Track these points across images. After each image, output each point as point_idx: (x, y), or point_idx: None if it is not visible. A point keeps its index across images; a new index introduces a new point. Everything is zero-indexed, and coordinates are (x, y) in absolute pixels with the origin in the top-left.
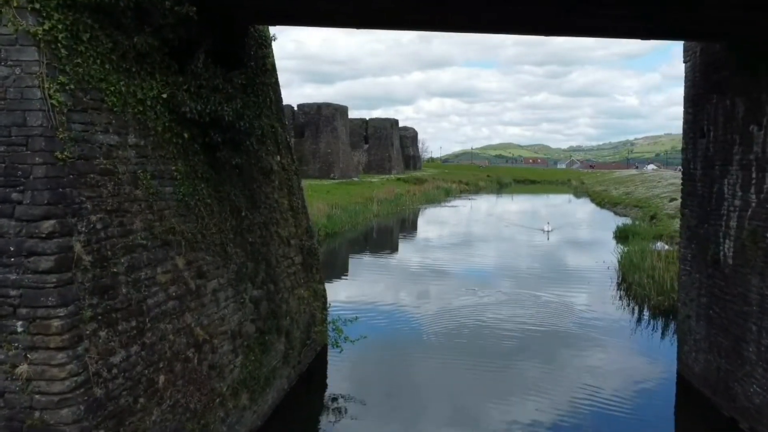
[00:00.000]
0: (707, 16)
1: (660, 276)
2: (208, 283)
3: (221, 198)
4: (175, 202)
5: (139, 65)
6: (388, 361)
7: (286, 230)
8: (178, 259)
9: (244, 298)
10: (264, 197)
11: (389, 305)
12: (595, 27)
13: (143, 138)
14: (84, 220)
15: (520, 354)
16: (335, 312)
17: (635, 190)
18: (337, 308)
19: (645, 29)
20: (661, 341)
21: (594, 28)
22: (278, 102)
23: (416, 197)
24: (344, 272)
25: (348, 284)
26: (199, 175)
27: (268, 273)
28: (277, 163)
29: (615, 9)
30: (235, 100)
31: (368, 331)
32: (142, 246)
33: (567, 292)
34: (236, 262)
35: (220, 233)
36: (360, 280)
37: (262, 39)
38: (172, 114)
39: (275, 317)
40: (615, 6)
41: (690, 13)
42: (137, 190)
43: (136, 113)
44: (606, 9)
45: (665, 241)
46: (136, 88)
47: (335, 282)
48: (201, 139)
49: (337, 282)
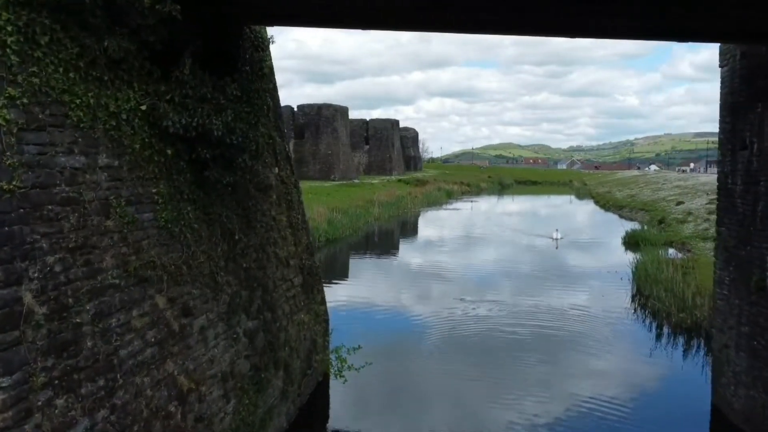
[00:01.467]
0: (753, 16)
1: (680, 289)
2: (194, 321)
3: (211, 221)
4: (155, 230)
5: (113, 73)
6: (394, 388)
7: (284, 250)
8: (158, 297)
9: (237, 332)
10: (260, 215)
11: (395, 323)
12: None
13: (117, 158)
14: (37, 263)
15: (536, 377)
16: (338, 330)
17: (640, 193)
18: (338, 324)
19: (683, 30)
20: (684, 362)
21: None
22: (276, 109)
23: (418, 199)
24: (345, 281)
25: (350, 296)
26: (184, 196)
27: (264, 300)
28: (275, 176)
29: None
30: (225, 112)
31: (373, 353)
32: (114, 287)
33: (580, 306)
34: (228, 292)
35: (209, 261)
36: (362, 292)
37: (258, 41)
38: (152, 128)
39: (272, 350)
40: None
41: (738, 11)
42: (108, 220)
43: (108, 129)
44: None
45: (676, 247)
46: (108, 100)
47: (335, 293)
48: (187, 155)
49: (338, 293)
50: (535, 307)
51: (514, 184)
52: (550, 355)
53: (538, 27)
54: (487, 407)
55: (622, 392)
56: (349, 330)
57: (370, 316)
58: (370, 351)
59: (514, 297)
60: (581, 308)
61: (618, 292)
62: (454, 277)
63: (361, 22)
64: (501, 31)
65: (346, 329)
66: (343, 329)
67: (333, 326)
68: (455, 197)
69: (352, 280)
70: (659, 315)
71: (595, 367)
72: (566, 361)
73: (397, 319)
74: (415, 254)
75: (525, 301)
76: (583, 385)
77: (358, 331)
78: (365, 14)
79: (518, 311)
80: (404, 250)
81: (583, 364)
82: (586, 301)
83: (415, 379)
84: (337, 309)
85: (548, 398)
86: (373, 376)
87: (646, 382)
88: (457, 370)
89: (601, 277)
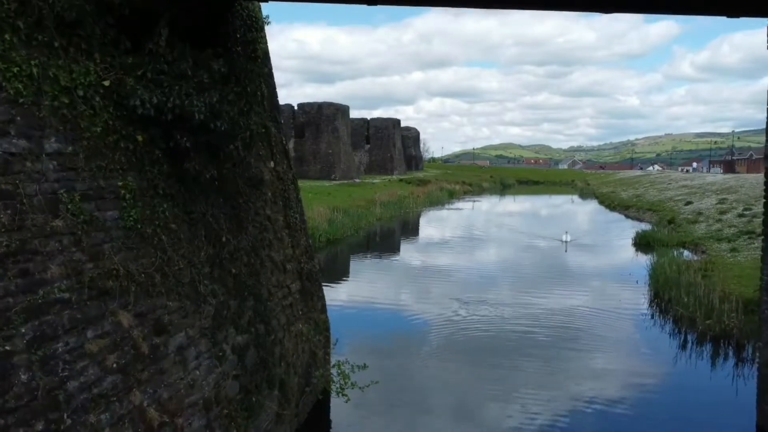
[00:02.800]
0: None
1: (704, 294)
2: (170, 339)
3: (193, 220)
4: (121, 231)
5: (66, 39)
6: (403, 406)
7: (280, 253)
8: (121, 314)
9: (223, 349)
10: (253, 214)
11: (402, 331)
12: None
13: (71, 143)
14: None
15: (558, 390)
16: (339, 340)
17: (646, 193)
18: (340, 333)
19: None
20: (715, 374)
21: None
22: (272, 97)
23: (419, 199)
24: (346, 284)
25: (352, 300)
26: (159, 191)
27: (257, 310)
28: (270, 171)
29: None
30: (209, 92)
31: (378, 366)
32: (62, 303)
33: (597, 311)
34: (213, 303)
35: (189, 268)
36: (365, 296)
37: (252, 20)
38: (118, 109)
39: (266, 367)
40: None
41: None
42: (56, 219)
43: (58, 107)
44: None
45: (689, 249)
46: (59, 71)
47: (336, 296)
48: (163, 143)
49: (339, 296)
50: (549, 313)
51: (516, 184)
52: (569, 365)
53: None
54: (511, 425)
55: (654, 410)
56: (351, 339)
57: (374, 323)
58: (376, 364)
59: (525, 303)
60: (598, 314)
61: (635, 295)
62: (463, 281)
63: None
64: (549, 6)
65: (348, 338)
66: (345, 338)
67: (334, 335)
68: (457, 197)
69: (353, 283)
70: (682, 321)
71: (620, 380)
72: (588, 370)
73: (405, 328)
74: (419, 256)
75: (538, 306)
76: (609, 399)
77: (361, 341)
78: None
79: (532, 318)
80: (408, 251)
81: (606, 374)
82: (603, 306)
83: (427, 396)
84: (338, 315)
85: (573, 414)
86: (380, 391)
87: (678, 397)
88: (473, 383)
89: (616, 279)
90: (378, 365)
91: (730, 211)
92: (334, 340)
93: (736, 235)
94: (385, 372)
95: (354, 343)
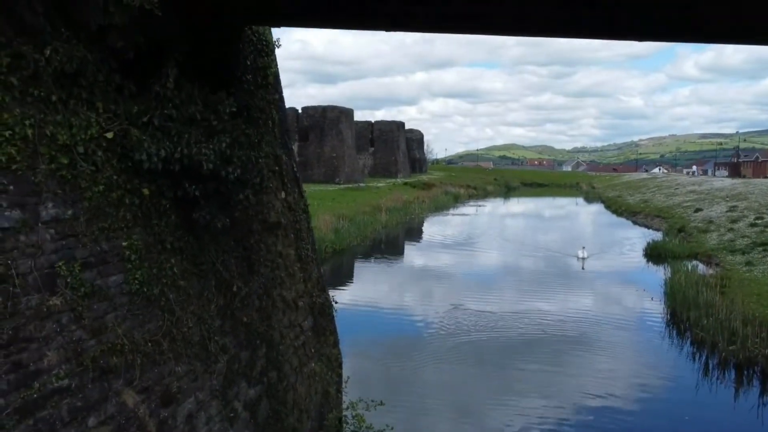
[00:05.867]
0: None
1: (724, 315)
2: (179, 408)
3: (203, 272)
4: (125, 297)
5: (66, 91)
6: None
7: (292, 290)
8: (126, 393)
9: (235, 408)
10: (264, 252)
11: (419, 361)
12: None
13: (70, 206)
14: None
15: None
16: (350, 372)
17: (653, 198)
18: (349, 361)
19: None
20: (736, 402)
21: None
22: (282, 122)
23: (425, 204)
24: (353, 298)
25: (360, 319)
26: (167, 246)
27: (269, 358)
28: (282, 203)
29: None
30: (220, 136)
31: (394, 403)
32: (61, 392)
33: (614, 336)
34: (224, 359)
35: (199, 325)
36: (375, 312)
37: (262, 44)
38: (122, 161)
39: (278, 418)
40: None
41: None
42: (54, 297)
43: (56, 169)
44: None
45: (702, 260)
46: (57, 129)
47: (342, 316)
48: (171, 192)
49: (346, 315)
50: (565, 338)
51: (520, 187)
52: (588, 387)
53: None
54: None
55: None
56: (362, 370)
57: (386, 349)
58: (391, 401)
59: (542, 331)
60: (615, 336)
61: (652, 316)
62: (477, 298)
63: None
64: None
65: (358, 367)
66: (359, 376)
67: (344, 365)
68: (462, 201)
69: (361, 297)
70: (702, 345)
71: (643, 408)
72: (609, 396)
73: (419, 364)
74: (427, 266)
75: (555, 335)
76: (632, 428)
77: (373, 374)
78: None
79: (550, 347)
80: (415, 260)
81: (627, 401)
82: (621, 327)
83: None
84: (345, 339)
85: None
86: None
87: (702, 427)
88: (496, 409)
89: (632, 298)
90: (394, 401)
91: (741, 219)
92: (345, 377)
93: (749, 247)
94: (403, 409)
95: (365, 373)
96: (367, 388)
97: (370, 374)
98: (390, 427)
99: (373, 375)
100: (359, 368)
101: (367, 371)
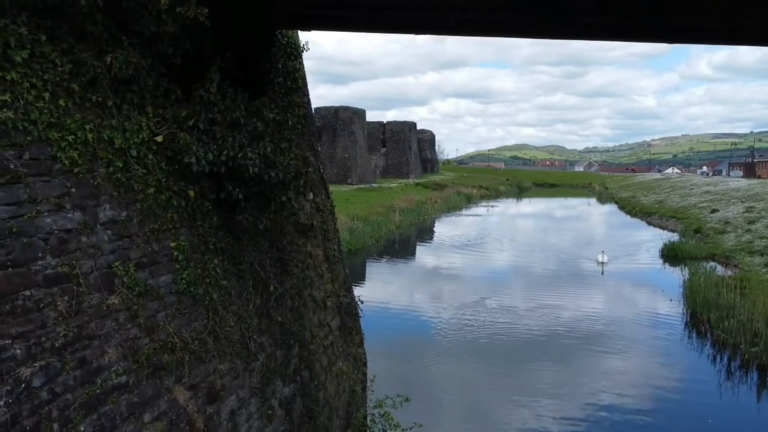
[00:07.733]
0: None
1: (746, 317)
2: (223, 405)
3: (242, 272)
4: (174, 296)
5: (120, 96)
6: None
7: (321, 290)
8: (177, 390)
9: (272, 405)
10: (296, 253)
11: (443, 362)
12: None
13: (125, 208)
14: (6, 381)
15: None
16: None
17: (667, 198)
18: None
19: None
20: (759, 405)
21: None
22: (311, 125)
23: (437, 205)
24: (372, 298)
25: (381, 320)
26: (210, 247)
27: (301, 357)
28: (311, 204)
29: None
30: (262, 140)
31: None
32: (120, 388)
33: (634, 337)
34: (261, 358)
35: (239, 324)
36: (395, 313)
37: (291, 48)
38: (170, 164)
39: (311, 417)
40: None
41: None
42: (112, 296)
43: (113, 172)
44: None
45: (720, 262)
46: (113, 133)
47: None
48: (213, 194)
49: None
50: (586, 336)
51: (532, 187)
52: (613, 388)
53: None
54: None
55: None
56: (384, 369)
57: (408, 350)
58: (415, 399)
59: (566, 335)
60: (636, 339)
61: (671, 318)
62: (498, 300)
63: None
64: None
65: (380, 366)
66: (380, 368)
67: (370, 366)
68: (474, 201)
69: (379, 296)
70: (725, 347)
71: (665, 410)
72: (631, 397)
73: (447, 359)
74: (445, 267)
75: (581, 343)
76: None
77: (394, 372)
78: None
79: (574, 353)
80: (430, 261)
81: (650, 404)
82: (640, 327)
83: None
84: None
85: None
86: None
87: None
88: (523, 410)
89: (652, 299)
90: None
91: (758, 220)
92: (372, 376)
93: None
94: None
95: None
96: (390, 386)
97: (391, 372)
98: (419, 425)
99: (394, 373)
100: (380, 367)
101: (388, 369)
